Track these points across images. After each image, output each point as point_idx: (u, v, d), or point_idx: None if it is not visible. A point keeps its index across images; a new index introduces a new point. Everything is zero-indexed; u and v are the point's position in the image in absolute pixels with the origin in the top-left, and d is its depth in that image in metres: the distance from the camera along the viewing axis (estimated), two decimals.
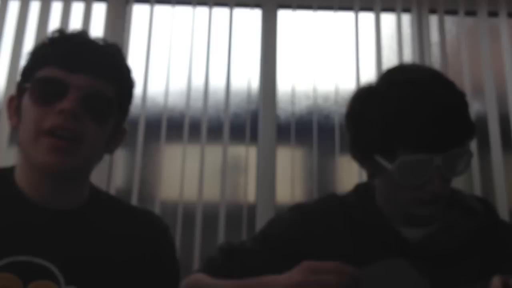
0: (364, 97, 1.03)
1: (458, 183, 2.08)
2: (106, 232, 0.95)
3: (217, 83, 2.30)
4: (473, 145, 2.17)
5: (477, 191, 2.13)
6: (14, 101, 0.96)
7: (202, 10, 2.37)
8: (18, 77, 0.97)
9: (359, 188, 1.13)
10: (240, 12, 2.39)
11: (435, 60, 2.32)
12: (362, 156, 1.04)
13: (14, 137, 2.10)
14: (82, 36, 0.96)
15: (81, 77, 0.90)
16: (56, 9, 2.29)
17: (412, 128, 0.92)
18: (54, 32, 0.96)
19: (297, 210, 1.12)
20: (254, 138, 2.25)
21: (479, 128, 2.22)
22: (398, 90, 0.96)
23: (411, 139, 0.92)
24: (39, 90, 0.89)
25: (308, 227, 1.08)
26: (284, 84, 2.33)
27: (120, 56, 0.98)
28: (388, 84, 1.00)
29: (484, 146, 2.22)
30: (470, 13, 2.40)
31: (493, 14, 2.40)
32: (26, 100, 0.91)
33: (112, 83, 0.94)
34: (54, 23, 2.27)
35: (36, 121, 0.88)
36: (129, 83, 0.99)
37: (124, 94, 0.98)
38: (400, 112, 0.93)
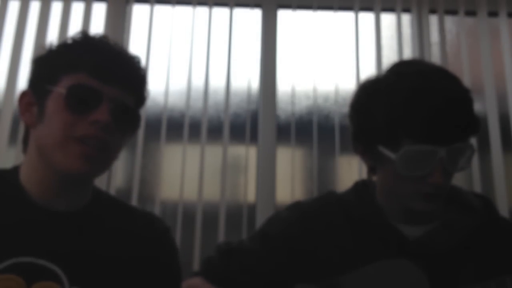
0: (370, 87, 1.03)
1: (458, 182, 2.08)
2: (108, 234, 0.95)
3: (217, 83, 2.30)
4: (473, 145, 2.17)
5: (477, 190, 2.13)
6: (27, 98, 0.95)
7: (202, 10, 2.37)
8: (27, 76, 0.96)
9: (358, 186, 1.13)
10: (240, 12, 2.39)
11: (435, 60, 2.32)
12: (364, 148, 1.04)
13: (14, 137, 2.10)
14: (110, 44, 0.97)
15: (114, 88, 0.91)
16: (56, 9, 2.29)
17: (418, 118, 0.92)
18: (79, 34, 0.96)
19: (295, 209, 1.12)
20: (254, 138, 2.25)
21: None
22: (406, 81, 0.96)
23: (417, 129, 0.93)
24: (75, 97, 0.89)
25: (307, 225, 1.07)
26: (284, 84, 2.33)
27: (143, 69, 1.00)
28: (395, 75, 1.00)
29: (484, 146, 2.22)
30: (470, 13, 2.40)
31: (493, 14, 2.40)
32: (54, 104, 0.90)
33: (134, 95, 0.96)
34: (54, 23, 2.27)
35: (67, 127, 0.88)
36: (145, 95, 1.02)
37: (141, 105, 1.01)
38: (408, 102, 0.93)
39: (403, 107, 0.93)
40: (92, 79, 0.90)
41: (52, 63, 0.94)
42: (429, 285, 0.95)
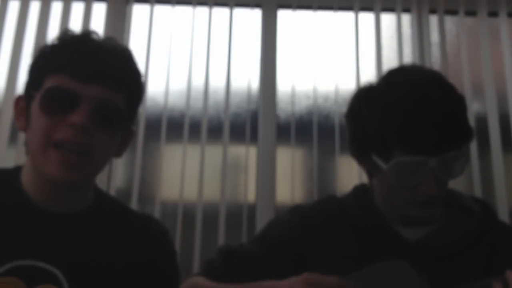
0: (363, 97, 1.03)
1: (458, 183, 2.08)
2: (108, 237, 0.95)
3: (217, 83, 2.30)
4: (473, 145, 2.17)
5: (477, 191, 2.13)
6: (21, 103, 0.94)
7: (202, 10, 2.37)
8: (24, 79, 0.94)
9: (358, 190, 1.13)
10: (240, 12, 2.39)
11: (435, 60, 2.32)
12: (360, 155, 1.05)
13: (14, 137, 2.10)
14: (93, 40, 0.92)
15: (93, 87, 0.87)
16: (56, 9, 2.29)
17: (408, 130, 0.92)
18: (63, 34, 0.93)
19: (296, 213, 1.12)
20: (254, 138, 2.25)
21: (479, 128, 2.22)
22: (397, 92, 0.96)
23: (407, 141, 0.93)
24: (50, 100, 0.87)
25: (308, 229, 1.07)
26: (284, 84, 2.33)
27: (132, 63, 0.95)
28: (387, 85, 1.00)
29: (484, 146, 2.22)
30: (470, 13, 2.40)
31: (493, 14, 2.40)
32: (35, 108, 0.88)
33: (122, 91, 0.91)
34: (54, 23, 2.27)
35: (45, 132, 0.85)
36: (139, 89, 0.97)
37: (134, 101, 0.96)
38: (397, 113, 0.93)
39: (393, 119, 0.93)
40: (70, 79, 0.87)
41: (36, 67, 0.92)
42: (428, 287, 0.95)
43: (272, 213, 2.11)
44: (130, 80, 0.94)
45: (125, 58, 0.94)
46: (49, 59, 0.91)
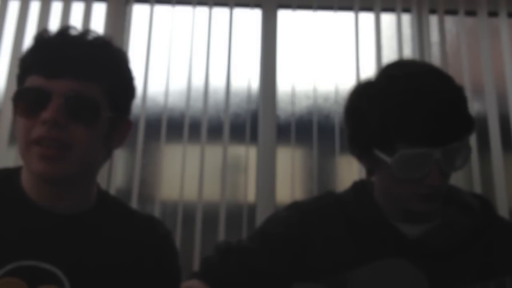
0: (363, 92, 1.03)
1: (458, 182, 2.08)
2: (110, 238, 0.95)
3: (217, 83, 2.30)
4: (473, 145, 2.17)
5: (477, 191, 2.13)
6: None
7: (202, 10, 2.37)
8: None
9: (357, 186, 1.13)
10: (240, 12, 2.39)
11: (435, 60, 2.32)
12: (361, 151, 1.05)
13: (14, 137, 2.10)
14: (63, 36, 0.91)
15: (61, 82, 0.87)
16: (56, 9, 2.29)
17: (411, 122, 0.92)
18: (38, 35, 0.93)
19: (294, 209, 1.12)
20: (254, 138, 2.25)
21: (479, 128, 2.22)
22: (398, 84, 0.96)
23: (411, 133, 0.93)
24: (23, 102, 0.89)
25: (306, 226, 1.07)
26: (284, 84, 2.33)
27: (107, 51, 0.93)
28: (387, 78, 1.00)
29: (484, 146, 2.22)
30: (470, 13, 2.40)
31: (493, 14, 2.40)
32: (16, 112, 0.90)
33: (97, 81, 0.90)
34: (54, 23, 2.27)
35: (25, 132, 0.87)
36: (120, 77, 0.95)
37: (116, 90, 0.93)
38: (400, 106, 0.94)
39: (395, 112, 0.94)
40: (40, 78, 0.88)
41: (17, 74, 0.94)
42: (428, 285, 0.95)
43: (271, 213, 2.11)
44: (104, 69, 0.92)
45: (100, 48, 0.92)
46: (23, 63, 0.92)
